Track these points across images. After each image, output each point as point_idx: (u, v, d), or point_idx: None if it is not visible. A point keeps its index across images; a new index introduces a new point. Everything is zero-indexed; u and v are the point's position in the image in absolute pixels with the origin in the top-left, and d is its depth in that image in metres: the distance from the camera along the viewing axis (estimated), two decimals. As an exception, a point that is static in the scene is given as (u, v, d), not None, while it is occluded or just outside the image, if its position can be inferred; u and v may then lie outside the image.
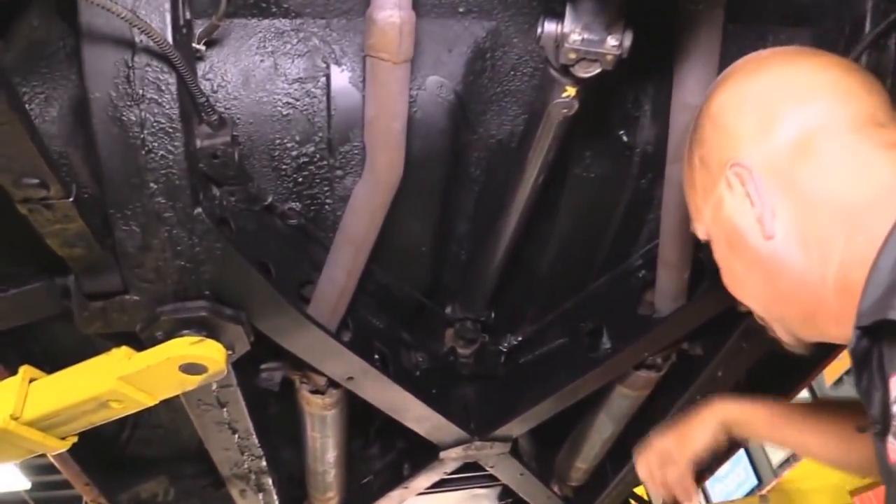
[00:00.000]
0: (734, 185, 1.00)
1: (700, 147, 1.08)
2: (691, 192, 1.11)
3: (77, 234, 1.24)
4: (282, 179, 1.51)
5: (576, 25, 1.10)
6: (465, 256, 1.84)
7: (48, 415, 1.46)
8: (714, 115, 1.06)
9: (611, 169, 1.65)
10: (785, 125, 0.97)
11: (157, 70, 1.18)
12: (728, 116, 1.03)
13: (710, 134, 1.06)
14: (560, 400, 1.96)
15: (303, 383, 1.77)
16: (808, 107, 0.97)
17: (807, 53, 1.07)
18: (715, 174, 1.04)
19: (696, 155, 1.09)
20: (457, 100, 1.51)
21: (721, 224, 1.04)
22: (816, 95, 0.98)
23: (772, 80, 1.02)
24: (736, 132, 1.01)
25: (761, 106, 1.00)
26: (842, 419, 1.46)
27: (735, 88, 1.05)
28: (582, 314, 1.92)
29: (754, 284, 1.02)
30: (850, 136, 0.94)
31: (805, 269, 0.94)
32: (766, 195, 0.96)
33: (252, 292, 1.42)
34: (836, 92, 0.97)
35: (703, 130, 1.07)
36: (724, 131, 1.03)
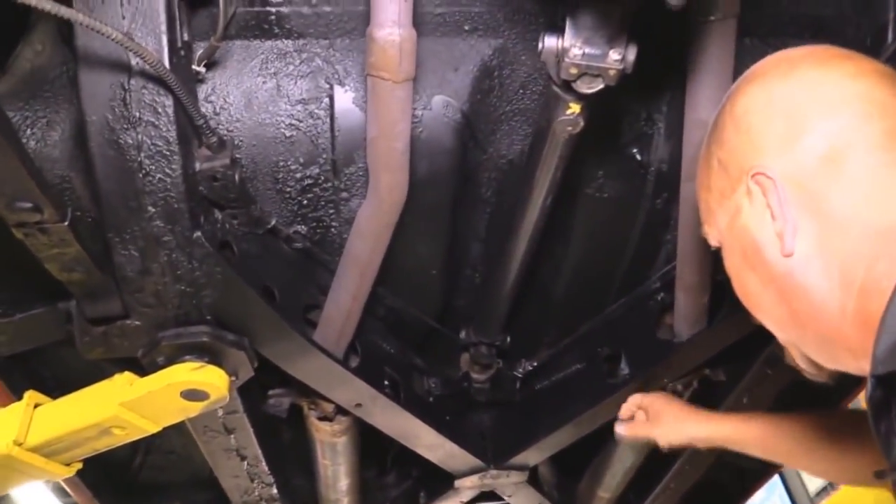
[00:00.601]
0: (755, 195, 0.94)
1: (720, 148, 1.01)
2: (705, 194, 1.04)
3: (75, 258, 1.23)
4: (286, 202, 1.48)
5: (576, 40, 1.07)
6: (478, 279, 1.80)
7: (51, 441, 1.44)
8: (738, 117, 0.98)
9: (624, 189, 1.60)
10: (813, 137, 0.91)
11: (154, 93, 1.17)
12: (753, 120, 0.96)
13: (731, 136, 0.99)
14: (578, 427, 1.90)
15: (311, 410, 1.74)
16: (838, 119, 0.91)
17: (841, 58, 0.98)
18: (734, 179, 0.97)
19: (714, 156, 1.02)
20: (464, 119, 1.48)
21: (736, 233, 0.98)
22: (848, 107, 0.91)
23: (802, 86, 0.95)
24: (760, 139, 0.95)
25: (789, 113, 0.93)
26: (836, 431, 1.41)
27: (762, 91, 0.98)
28: (599, 339, 1.86)
29: (769, 301, 0.96)
30: (882, 155, 0.88)
31: (824, 294, 0.88)
32: (789, 209, 0.90)
33: (254, 317, 1.40)
34: (870, 104, 0.91)
35: (724, 131, 1.00)
36: (747, 136, 0.97)
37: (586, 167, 1.56)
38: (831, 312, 0.88)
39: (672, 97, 1.51)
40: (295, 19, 1.38)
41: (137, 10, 1.13)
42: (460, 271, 1.78)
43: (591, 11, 1.03)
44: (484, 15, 1.42)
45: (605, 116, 1.45)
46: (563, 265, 1.75)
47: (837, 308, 0.87)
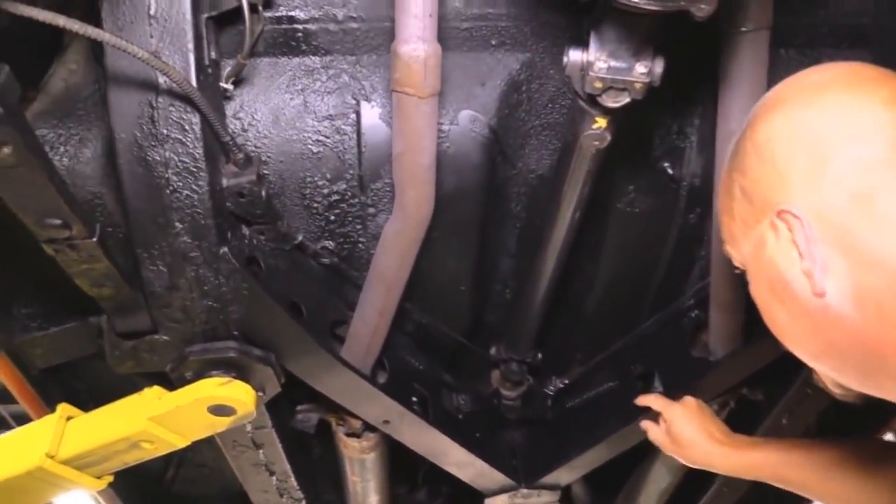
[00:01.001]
0: (780, 231, 0.89)
1: (742, 176, 0.96)
2: (727, 219, 0.99)
3: (104, 273, 1.24)
4: (313, 218, 1.49)
5: (601, 53, 1.05)
6: (508, 295, 1.79)
7: (83, 454, 1.46)
8: (760, 146, 0.93)
9: (656, 203, 1.57)
10: (842, 171, 0.85)
11: (181, 110, 1.18)
12: (776, 151, 0.90)
13: (754, 165, 0.93)
14: (611, 446, 1.86)
15: (339, 426, 1.73)
16: (869, 151, 0.84)
17: (872, 81, 0.91)
18: (758, 211, 0.92)
19: (736, 183, 0.97)
20: (491, 134, 1.47)
21: (762, 265, 0.93)
22: (880, 137, 0.85)
23: (829, 114, 0.88)
24: (785, 171, 0.89)
25: (816, 144, 0.87)
26: (854, 461, 1.35)
27: (785, 119, 0.91)
28: (632, 356, 1.82)
29: (801, 334, 0.91)
30: None
31: (861, 328, 0.84)
32: (817, 250, 0.85)
33: (281, 333, 1.40)
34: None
35: (746, 158, 0.95)
36: (771, 167, 0.91)
37: (616, 181, 1.53)
38: (872, 343, 0.83)
39: (704, 110, 1.48)
40: (322, 36, 1.39)
41: (165, 29, 1.15)
42: (490, 287, 1.76)
43: (616, 24, 1.02)
44: (511, 29, 1.41)
45: (635, 129, 1.42)
46: (595, 281, 1.72)
47: (877, 338, 0.83)
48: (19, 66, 1.02)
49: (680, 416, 1.59)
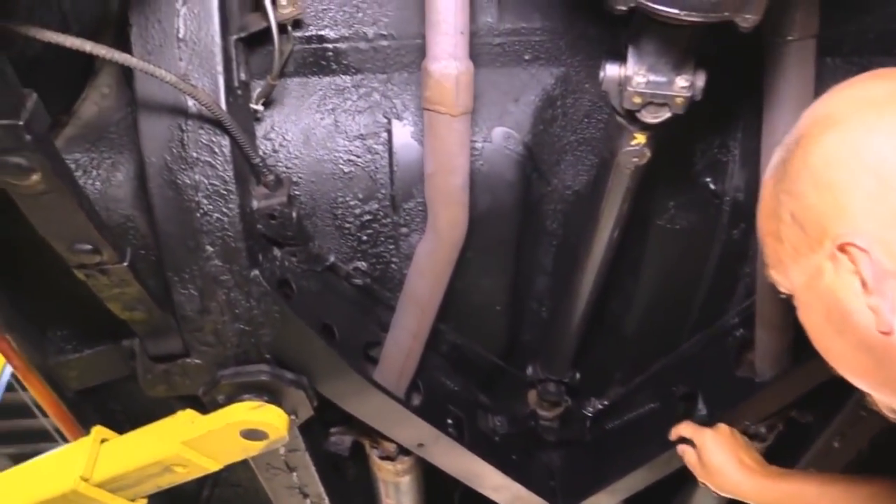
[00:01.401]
0: (842, 263, 0.82)
1: (793, 200, 0.88)
2: (774, 243, 0.92)
3: (136, 297, 1.23)
4: (345, 238, 1.47)
5: (639, 67, 1.01)
6: (545, 314, 1.74)
7: (117, 477, 1.45)
8: (816, 170, 0.85)
9: (698, 219, 1.52)
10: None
11: (210, 133, 1.17)
12: (835, 177, 0.83)
13: (808, 191, 0.86)
14: (652, 470, 1.80)
15: (373, 448, 1.70)
16: None
17: None
18: (813, 240, 0.85)
19: (785, 207, 0.89)
20: (526, 151, 1.44)
21: (818, 295, 0.86)
22: None
23: (893, 137, 0.81)
24: (846, 199, 0.82)
25: (880, 170, 0.80)
26: None
27: (844, 143, 0.84)
28: (674, 377, 1.77)
29: (859, 366, 0.86)
30: None
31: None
32: (886, 284, 0.79)
33: (313, 356, 1.38)
34: None
35: (798, 182, 0.87)
36: (829, 194, 0.83)
37: (657, 197, 1.49)
38: None
39: (747, 122, 1.42)
40: (352, 55, 1.37)
41: (194, 51, 1.14)
42: (526, 306, 1.72)
43: (655, 37, 0.98)
44: (545, 43, 1.38)
45: (675, 144, 1.37)
46: (634, 299, 1.67)
47: None
48: (52, 91, 1.02)
49: (711, 443, 1.56)
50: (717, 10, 0.84)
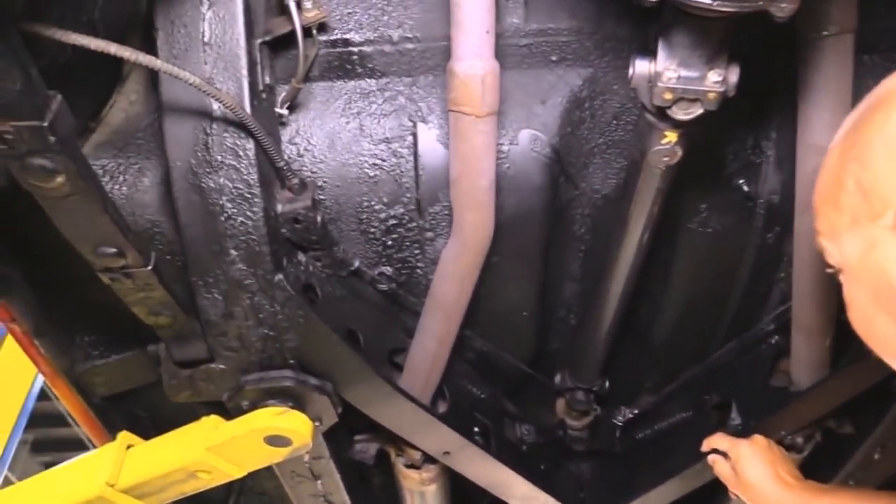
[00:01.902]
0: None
1: (862, 168, 0.85)
2: (831, 210, 0.89)
3: (161, 302, 1.23)
4: (370, 243, 1.45)
5: (670, 62, 0.98)
6: (573, 321, 1.72)
7: (142, 483, 1.45)
8: (892, 140, 0.83)
9: (731, 223, 1.48)
10: None
11: (235, 136, 1.17)
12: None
13: (880, 159, 0.83)
14: (685, 482, 1.76)
15: (398, 456, 1.68)
16: None
17: None
18: (875, 209, 0.83)
19: (851, 173, 0.86)
20: (553, 154, 1.41)
21: (869, 268, 0.84)
22: None
23: None
24: None
25: None
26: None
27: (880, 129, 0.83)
28: (707, 385, 1.73)
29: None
30: None
31: None
32: None
33: (338, 362, 1.36)
34: None
35: (870, 150, 0.84)
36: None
37: (688, 200, 1.46)
38: None
39: (782, 122, 1.39)
40: (377, 58, 1.36)
41: (219, 55, 1.14)
42: (554, 313, 1.70)
43: (687, 29, 0.95)
44: (572, 44, 1.36)
45: (707, 144, 1.34)
46: (665, 306, 1.64)
47: None
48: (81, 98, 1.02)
49: (747, 455, 1.51)
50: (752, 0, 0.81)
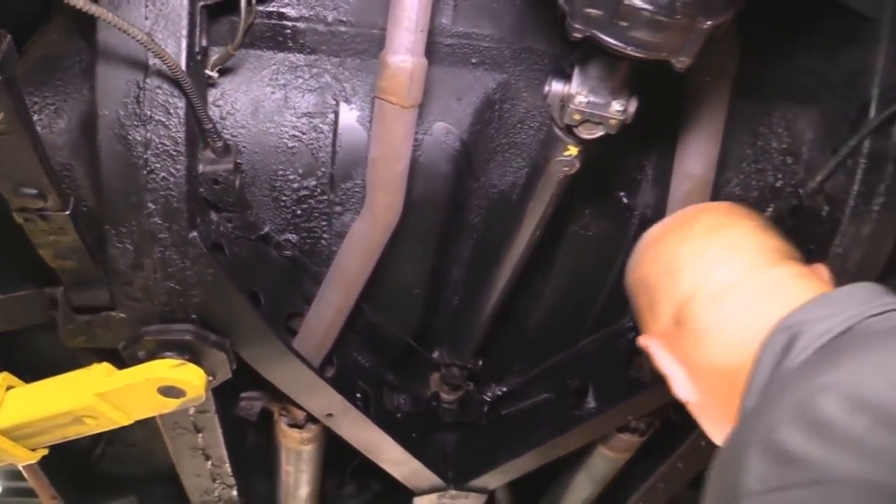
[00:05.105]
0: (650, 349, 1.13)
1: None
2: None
3: (70, 247, 1.24)
4: (280, 210, 1.51)
5: (582, 88, 1.12)
6: (457, 302, 1.84)
7: (21, 425, 1.44)
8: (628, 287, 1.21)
9: (609, 228, 1.65)
10: (664, 306, 1.09)
11: (168, 93, 1.19)
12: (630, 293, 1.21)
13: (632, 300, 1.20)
14: (540, 455, 1.93)
15: (282, 416, 1.75)
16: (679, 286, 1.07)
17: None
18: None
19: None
20: (462, 147, 1.52)
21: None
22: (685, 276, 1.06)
23: (650, 266, 1.14)
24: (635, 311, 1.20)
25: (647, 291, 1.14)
26: None
27: (631, 274, 1.20)
28: (569, 371, 1.90)
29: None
30: (713, 312, 1.05)
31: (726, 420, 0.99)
32: (665, 365, 1.10)
33: (239, 320, 1.41)
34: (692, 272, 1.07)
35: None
36: (635, 303, 1.19)
37: (575, 205, 1.61)
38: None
39: (663, 147, 1.57)
40: (309, 35, 1.41)
41: (161, 13, 1.16)
42: (441, 293, 1.81)
43: (600, 63, 1.09)
44: (492, 50, 1.47)
45: (599, 158, 1.50)
46: (541, 297, 1.79)
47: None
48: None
49: None
50: (658, 50, 0.96)
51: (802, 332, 0.88)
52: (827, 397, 0.74)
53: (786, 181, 1.64)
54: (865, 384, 0.74)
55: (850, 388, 0.74)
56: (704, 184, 1.46)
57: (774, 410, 0.79)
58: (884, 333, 0.84)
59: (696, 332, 1.00)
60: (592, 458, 2.04)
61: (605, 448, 1.99)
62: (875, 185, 1.46)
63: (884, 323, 0.87)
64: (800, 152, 1.62)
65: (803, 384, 0.79)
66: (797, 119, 1.61)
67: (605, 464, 2.04)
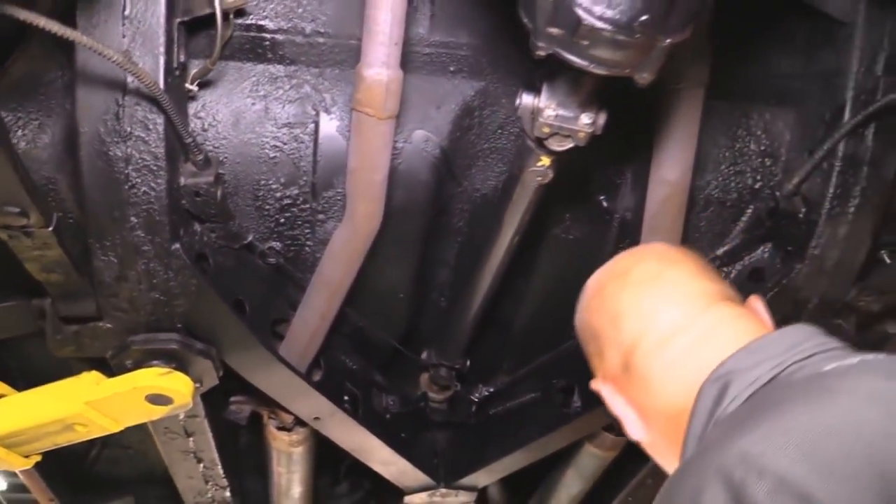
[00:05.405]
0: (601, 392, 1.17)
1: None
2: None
3: (55, 261, 1.26)
4: (264, 219, 1.53)
5: (551, 102, 1.14)
6: (444, 304, 1.86)
7: (13, 433, 1.47)
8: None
9: (589, 232, 1.67)
10: (612, 353, 1.13)
11: (146, 110, 1.21)
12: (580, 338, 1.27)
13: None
14: (529, 453, 1.96)
15: (270, 419, 1.78)
16: (623, 336, 1.12)
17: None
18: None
19: None
20: (442, 154, 1.54)
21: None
22: (627, 324, 1.11)
23: (593, 316, 1.20)
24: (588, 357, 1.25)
25: (595, 337, 1.19)
26: None
27: (578, 321, 1.26)
28: (555, 371, 1.93)
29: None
30: (659, 358, 1.09)
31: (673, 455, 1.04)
32: (617, 408, 1.14)
33: (223, 328, 1.44)
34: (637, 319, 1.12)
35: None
36: (586, 349, 1.25)
37: (555, 209, 1.63)
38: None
39: (642, 152, 1.58)
40: (288, 47, 1.43)
41: (138, 31, 1.18)
42: (427, 295, 1.84)
43: (567, 79, 1.11)
44: (469, 58, 1.49)
45: (578, 164, 1.52)
46: (526, 299, 1.82)
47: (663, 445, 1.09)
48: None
49: None
50: (619, 66, 0.98)
51: (733, 381, 0.93)
52: (745, 471, 0.77)
53: (764, 183, 1.65)
54: (774, 454, 0.77)
55: (762, 460, 0.77)
56: (681, 189, 1.47)
57: (700, 472, 0.82)
58: (803, 383, 0.88)
59: (642, 378, 1.05)
60: (580, 455, 2.07)
61: (593, 446, 2.02)
62: (851, 187, 1.48)
63: (805, 370, 0.90)
64: (778, 154, 1.64)
65: (726, 447, 0.82)
66: (776, 121, 1.63)
67: (593, 461, 2.07)
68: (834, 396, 0.82)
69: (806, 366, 0.91)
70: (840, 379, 0.85)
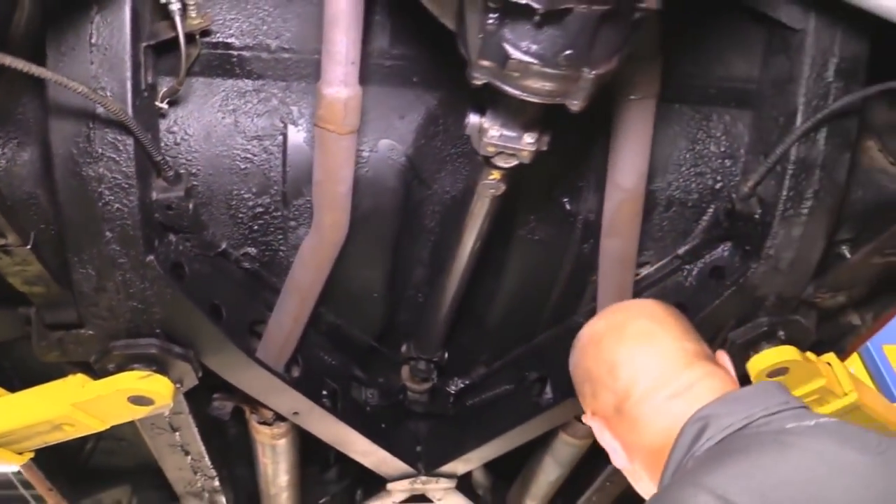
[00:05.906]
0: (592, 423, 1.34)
1: None
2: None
3: (36, 275, 1.34)
4: (238, 226, 1.60)
5: (494, 123, 1.19)
6: (421, 300, 1.92)
7: (5, 433, 1.56)
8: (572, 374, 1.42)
9: (554, 233, 1.72)
10: (606, 394, 1.29)
11: (116, 132, 1.28)
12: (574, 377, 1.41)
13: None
14: (505, 442, 2.03)
15: (252, 414, 1.86)
16: (618, 380, 1.27)
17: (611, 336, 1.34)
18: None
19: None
20: (408, 161, 1.60)
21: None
22: (620, 372, 1.27)
23: (590, 360, 1.35)
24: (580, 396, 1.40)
25: (590, 378, 1.33)
26: None
27: (573, 365, 1.40)
28: (528, 363, 2.00)
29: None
30: (648, 403, 1.24)
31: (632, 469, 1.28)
32: (604, 439, 1.31)
33: (200, 333, 1.52)
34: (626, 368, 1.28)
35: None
36: (580, 389, 1.39)
37: (519, 211, 1.68)
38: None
39: (604, 156, 1.63)
40: (255, 62, 1.49)
41: (105, 57, 1.24)
42: (404, 293, 1.90)
43: (506, 104, 1.16)
44: (430, 69, 1.53)
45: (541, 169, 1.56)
46: (497, 296, 1.88)
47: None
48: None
49: None
50: (551, 95, 1.03)
51: (710, 424, 1.11)
52: (713, 501, 0.95)
53: (725, 183, 1.70)
54: (737, 492, 0.96)
55: (727, 495, 0.95)
56: (636, 195, 1.52)
57: (677, 496, 1.01)
58: (769, 436, 1.06)
59: (632, 420, 1.23)
60: (556, 443, 2.14)
61: (567, 434, 2.09)
62: (804, 189, 1.53)
63: (771, 425, 1.08)
64: (738, 155, 1.68)
65: (700, 478, 1.00)
66: (736, 123, 1.67)
67: (567, 449, 2.15)
68: (791, 451, 1.02)
69: (772, 421, 1.09)
70: (798, 437, 1.04)
